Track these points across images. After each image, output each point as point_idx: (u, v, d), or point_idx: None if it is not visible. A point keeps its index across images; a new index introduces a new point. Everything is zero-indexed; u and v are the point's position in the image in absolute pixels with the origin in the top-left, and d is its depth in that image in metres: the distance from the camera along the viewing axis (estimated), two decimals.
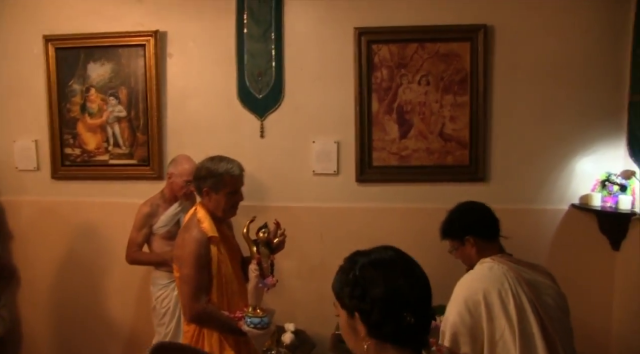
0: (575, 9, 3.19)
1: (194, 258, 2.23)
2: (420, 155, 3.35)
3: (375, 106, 3.35)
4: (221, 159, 2.38)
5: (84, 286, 3.70)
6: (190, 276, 2.23)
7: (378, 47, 3.32)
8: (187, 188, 3.05)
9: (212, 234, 2.29)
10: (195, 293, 2.23)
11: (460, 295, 2.00)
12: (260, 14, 3.41)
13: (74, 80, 3.57)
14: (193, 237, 2.26)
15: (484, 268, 2.08)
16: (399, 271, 1.22)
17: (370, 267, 1.24)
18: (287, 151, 3.46)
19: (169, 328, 3.09)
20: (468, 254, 2.20)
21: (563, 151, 3.26)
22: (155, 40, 3.45)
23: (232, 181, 2.35)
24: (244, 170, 2.42)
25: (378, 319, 1.20)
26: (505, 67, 3.26)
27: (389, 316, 1.19)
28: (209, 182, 2.33)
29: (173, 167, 3.11)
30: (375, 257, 1.27)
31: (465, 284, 2.04)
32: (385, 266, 1.23)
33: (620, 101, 3.17)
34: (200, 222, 2.31)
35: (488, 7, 3.24)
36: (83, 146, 3.62)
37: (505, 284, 1.98)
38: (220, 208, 2.35)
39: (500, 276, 2.01)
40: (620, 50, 3.16)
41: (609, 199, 3.11)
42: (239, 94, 3.47)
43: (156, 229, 3.10)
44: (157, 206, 3.11)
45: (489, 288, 1.97)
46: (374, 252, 1.28)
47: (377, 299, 1.19)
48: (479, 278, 2.04)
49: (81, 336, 3.74)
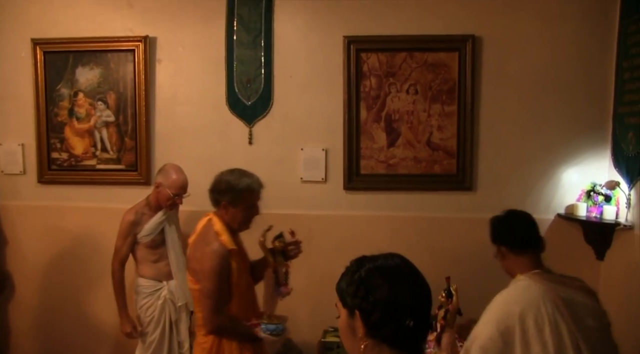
0: (561, 21, 3.23)
1: (216, 272, 2.23)
2: (408, 164, 3.36)
3: (364, 114, 3.37)
4: (242, 173, 2.38)
5: (70, 291, 3.67)
6: (212, 290, 2.23)
7: (367, 56, 3.34)
8: (174, 200, 2.99)
9: (231, 247, 2.29)
10: (217, 306, 2.25)
11: (494, 317, 1.89)
12: (250, 21, 3.42)
13: (62, 84, 3.56)
14: (214, 251, 2.25)
15: (520, 288, 1.95)
16: (403, 278, 1.25)
17: (376, 271, 1.26)
18: (275, 158, 3.47)
19: (153, 337, 3.05)
20: (505, 264, 2.10)
21: (549, 161, 3.29)
22: (144, 45, 3.45)
23: (251, 197, 2.37)
24: (263, 186, 2.42)
25: (378, 320, 1.21)
26: (493, 78, 3.30)
27: (389, 317, 1.21)
28: (228, 196, 2.32)
29: (162, 177, 3.00)
30: (382, 263, 1.29)
31: (500, 306, 1.92)
32: (391, 271, 1.26)
33: (605, 113, 3.22)
34: (219, 235, 2.30)
35: (476, 18, 3.28)
36: (70, 150, 3.60)
37: (542, 308, 1.85)
38: (236, 221, 2.36)
39: (537, 299, 1.87)
40: (605, 62, 3.20)
41: (594, 209, 3.14)
42: (228, 100, 3.47)
43: (141, 238, 3.04)
44: (141, 214, 3.05)
45: (524, 312, 1.85)
46: (380, 258, 1.31)
47: (379, 300, 1.21)
48: (515, 301, 1.91)
49: (69, 342, 3.70)
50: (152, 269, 3.07)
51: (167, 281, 3.09)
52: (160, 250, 3.08)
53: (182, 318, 3.12)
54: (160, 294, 3.06)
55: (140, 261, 3.09)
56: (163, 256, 3.09)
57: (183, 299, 3.10)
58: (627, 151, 2.99)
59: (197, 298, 2.32)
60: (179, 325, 3.11)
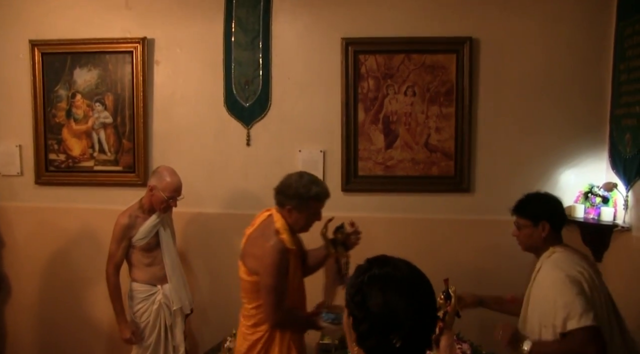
0: (558, 23, 3.24)
1: (276, 268, 2.27)
2: (406, 165, 3.36)
3: (362, 116, 3.37)
4: (311, 181, 2.37)
5: (67, 293, 3.66)
6: (273, 285, 2.27)
7: (365, 58, 3.34)
8: (168, 203, 2.94)
9: (291, 247, 2.33)
10: (278, 301, 2.29)
11: (565, 282, 2.11)
12: (248, 22, 3.42)
13: (59, 85, 3.56)
14: (274, 248, 2.28)
15: (567, 256, 2.24)
16: (404, 292, 1.18)
17: (378, 279, 1.21)
18: (273, 160, 3.46)
19: (149, 342, 3.02)
20: (536, 237, 2.30)
21: (547, 163, 3.29)
22: (142, 47, 3.45)
23: (317, 206, 2.39)
24: (329, 194, 2.42)
25: (365, 331, 1.18)
26: (491, 80, 3.30)
27: (376, 331, 1.17)
28: (294, 202, 2.34)
29: (156, 180, 2.94)
30: (387, 271, 1.23)
31: (562, 273, 2.15)
32: (393, 283, 1.20)
33: (602, 114, 3.23)
34: (280, 232, 2.32)
35: (474, 20, 3.28)
36: (68, 151, 3.59)
37: (587, 270, 2.20)
38: (298, 225, 2.39)
39: (581, 261, 2.23)
40: (601, 65, 3.22)
41: (591, 210, 3.14)
42: (226, 102, 3.47)
43: (135, 241, 2.98)
44: (135, 217, 2.99)
45: (581, 269, 2.18)
46: (390, 266, 1.25)
47: (371, 311, 1.17)
48: (570, 265, 2.19)
49: (66, 343, 3.69)
50: (146, 273, 3.03)
51: (161, 285, 3.04)
52: (154, 253, 3.04)
53: (177, 322, 3.08)
54: (155, 299, 3.03)
55: (134, 265, 3.04)
56: (157, 260, 3.05)
57: (178, 303, 3.07)
58: (624, 152, 3.00)
59: (248, 289, 2.38)
60: (174, 330, 3.07)
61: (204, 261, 3.54)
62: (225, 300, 3.54)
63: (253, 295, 2.36)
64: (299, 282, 2.47)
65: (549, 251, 2.27)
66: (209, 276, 3.57)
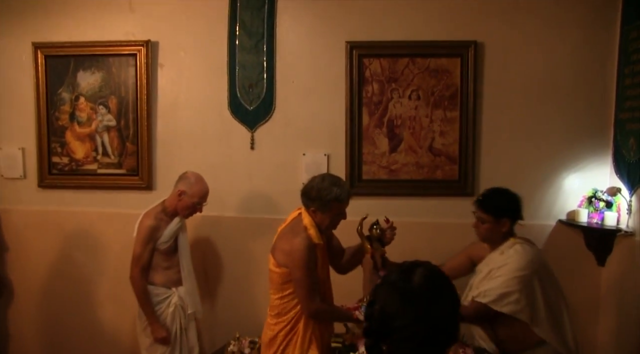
0: (563, 27, 3.24)
1: (305, 262, 2.38)
2: (410, 169, 3.37)
3: (366, 120, 3.37)
4: (333, 182, 2.47)
5: (71, 296, 3.66)
6: (303, 279, 2.40)
7: (369, 61, 3.34)
8: (194, 209, 2.99)
9: (318, 242, 2.46)
10: (310, 294, 2.41)
11: (522, 271, 2.40)
12: (252, 25, 3.42)
13: (63, 88, 3.55)
14: (302, 243, 2.40)
15: (527, 247, 2.49)
16: (406, 303, 1.24)
17: (388, 284, 1.29)
18: (277, 163, 3.46)
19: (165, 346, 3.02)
20: (495, 231, 2.52)
21: (551, 167, 3.30)
22: (146, 50, 3.44)
23: (339, 206, 2.47)
24: (350, 195, 2.54)
25: (365, 329, 1.27)
26: (495, 84, 3.30)
27: (372, 332, 1.25)
28: (317, 204, 2.45)
29: (186, 186, 2.96)
30: (401, 278, 1.29)
31: (526, 264, 2.42)
32: (398, 290, 1.26)
33: (606, 118, 3.23)
34: (307, 228, 2.45)
35: (478, 24, 3.28)
36: (71, 154, 3.59)
37: (542, 261, 2.50)
38: (324, 225, 2.49)
39: (537, 255, 2.50)
40: (606, 69, 3.22)
41: (595, 215, 3.15)
42: (230, 105, 3.47)
43: (159, 244, 2.98)
44: (160, 219, 2.98)
45: (537, 266, 2.45)
46: (408, 273, 1.30)
47: (373, 313, 1.26)
48: (530, 261, 2.43)
49: (69, 347, 3.69)
50: (163, 276, 3.03)
51: (176, 288, 3.06)
52: (173, 257, 3.06)
53: (191, 325, 3.11)
54: (171, 302, 3.03)
55: (153, 267, 3.01)
56: (174, 263, 3.07)
57: (192, 307, 3.09)
58: (629, 157, 3.00)
59: (275, 280, 2.49)
60: (188, 332, 3.09)
61: (207, 265, 3.54)
62: (229, 304, 3.55)
63: (279, 286, 2.49)
64: (325, 276, 2.59)
65: (510, 241, 2.51)
66: (210, 280, 3.57)
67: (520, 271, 2.40)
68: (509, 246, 2.51)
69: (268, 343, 2.55)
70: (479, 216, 2.55)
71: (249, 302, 3.51)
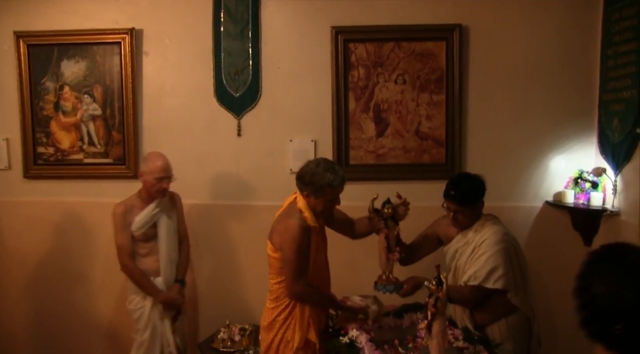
0: (547, 10, 3.25)
1: (296, 243, 2.40)
2: (397, 153, 3.37)
3: (352, 105, 3.37)
4: (327, 168, 2.46)
5: (59, 287, 3.63)
6: (291, 259, 2.42)
7: (355, 46, 3.34)
8: (159, 185, 2.95)
9: (313, 224, 2.47)
10: (295, 274, 2.43)
11: (502, 244, 2.51)
12: (237, 12, 3.40)
13: (47, 77, 3.51)
14: (295, 224, 2.42)
15: (502, 225, 2.62)
16: (631, 283, 1.13)
17: (608, 266, 1.17)
18: (264, 150, 3.46)
19: (144, 337, 3.01)
20: (474, 216, 2.61)
21: (537, 149, 3.31)
22: (131, 38, 3.42)
23: (332, 192, 2.47)
24: (345, 182, 2.51)
25: (587, 317, 1.17)
26: (480, 67, 3.31)
27: (599, 319, 1.15)
28: (310, 188, 2.45)
29: (144, 165, 2.99)
30: (619, 258, 1.18)
31: (502, 237, 2.54)
32: (622, 272, 1.15)
33: (590, 100, 3.25)
34: (302, 211, 2.46)
35: (463, 7, 3.29)
36: (56, 144, 3.56)
37: (510, 234, 2.62)
38: (317, 209, 2.49)
39: (506, 228, 2.62)
40: (590, 50, 3.23)
41: (581, 196, 3.17)
42: (216, 92, 3.45)
43: (133, 231, 2.98)
44: (131, 205, 2.99)
45: (510, 237, 2.58)
46: (622, 253, 1.19)
47: (595, 299, 1.15)
48: (504, 234, 2.55)
49: (58, 338, 3.66)
50: (141, 264, 3.01)
51: (154, 278, 3.03)
52: (150, 244, 3.03)
53: (166, 315, 3.05)
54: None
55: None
56: (153, 251, 3.04)
57: None
58: (613, 137, 3.02)
59: (274, 265, 2.52)
60: (164, 322, 3.04)
61: (196, 252, 3.53)
62: (218, 291, 3.55)
63: (277, 271, 2.51)
64: (323, 260, 2.60)
65: (482, 219, 2.62)
66: (200, 267, 3.56)
67: (499, 243, 2.51)
68: (481, 223, 2.61)
69: (267, 326, 2.56)
70: (456, 209, 2.58)
71: (238, 289, 3.50)
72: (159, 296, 3.00)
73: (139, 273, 2.98)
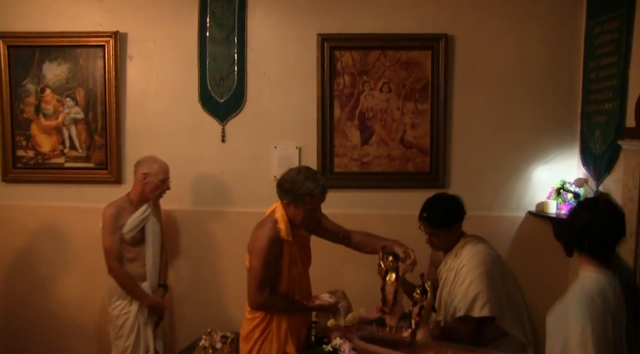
0: (531, 22, 3.29)
1: (263, 253, 2.34)
2: (381, 161, 3.37)
3: (337, 112, 3.37)
4: (308, 176, 2.37)
5: (37, 293, 3.56)
6: (257, 269, 2.36)
7: (341, 54, 3.34)
8: (163, 187, 3.01)
9: (286, 238, 2.38)
10: (259, 285, 2.37)
11: (482, 267, 2.38)
12: (223, 17, 3.39)
13: (27, 79, 3.46)
14: (266, 234, 2.36)
15: (484, 245, 2.49)
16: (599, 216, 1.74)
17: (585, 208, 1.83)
18: (248, 156, 3.44)
19: (128, 343, 2.97)
20: (451, 238, 2.50)
21: (520, 159, 3.34)
22: (115, 41, 3.38)
23: (313, 202, 2.38)
24: (326, 191, 2.41)
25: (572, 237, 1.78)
26: (465, 76, 3.33)
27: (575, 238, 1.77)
28: (289, 196, 2.37)
29: (146, 167, 2.98)
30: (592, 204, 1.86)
31: (482, 259, 2.42)
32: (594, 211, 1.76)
33: (573, 111, 3.29)
34: (277, 222, 2.38)
35: (449, 17, 3.31)
36: (37, 148, 3.50)
37: (494, 255, 2.48)
38: (297, 220, 2.41)
39: (489, 249, 2.48)
40: (572, 63, 3.28)
41: (563, 206, 3.19)
42: (201, 98, 3.43)
43: (123, 233, 2.96)
44: (122, 208, 2.98)
45: (493, 258, 2.45)
46: (596, 202, 1.87)
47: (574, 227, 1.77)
48: (484, 256, 2.42)
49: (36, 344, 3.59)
50: (128, 268, 2.98)
51: (140, 283, 3.01)
52: (137, 248, 3.01)
53: (149, 321, 3.04)
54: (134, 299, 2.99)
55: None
56: (140, 255, 3.02)
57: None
58: (595, 149, 3.06)
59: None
60: (147, 327, 3.03)
61: (178, 259, 3.49)
62: (200, 299, 3.51)
63: None
64: (299, 275, 2.50)
65: (461, 242, 2.50)
66: (183, 274, 3.52)
67: (480, 267, 2.38)
68: (460, 246, 2.49)
69: (245, 337, 2.50)
70: (431, 232, 2.50)
71: (220, 296, 3.47)
72: (146, 300, 2.98)
73: (126, 276, 2.96)
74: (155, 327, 3.08)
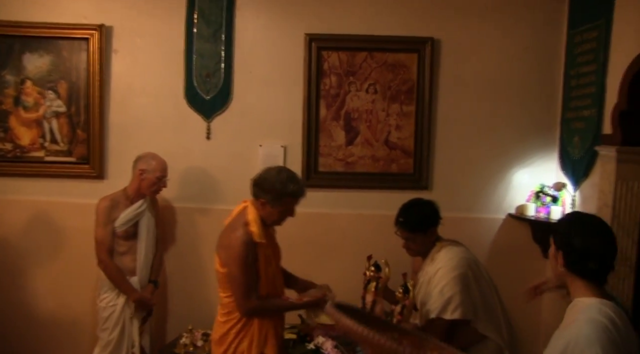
0: (515, 29, 3.37)
1: (241, 259, 2.29)
2: (366, 162, 3.40)
3: (323, 112, 3.39)
4: (289, 177, 2.37)
5: (16, 289, 3.48)
6: (239, 276, 2.30)
7: (328, 54, 3.36)
8: (159, 184, 3.01)
9: (259, 241, 2.33)
10: (246, 292, 2.32)
11: (457, 271, 2.40)
12: (211, 14, 3.37)
13: (7, 70, 3.38)
14: (239, 239, 2.30)
15: (460, 249, 2.52)
16: (597, 235, 1.68)
17: (577, 224, 1.72)
18: (233, 154, 3.43)
19: (112, 336, 2.96)
20: (427, 243, 2.53)
21: (501, 162, 3.41)
22: (100, 34, 3.33)
23: (292, 202, 2.39)
24: (305, 193, 2.43)
25: (572, 260, 1.67)
26: (450, 80, 3.39)
27: (578, 259, 1.66)
28: (269, 196, 2.34)
29: (145, 164, 2.99)
30: (582, 218, 1.78)
31: (458, 262, 2.44)
32: (589, 228, 1.69)
33: (553, 117, 3.38)
34: (249, 224, 2.33)
35: (436, 22, 3.36)
36: (15, 140, 3.43)
37: (470, 258, 2.50)
38: (270, 219, 2.40)
39: (465, 253, 2.50)
40: (554, 70, 3.37)
41: (542, 209, 3.27)
42: (186, 94, 3.41)
43: (116, 227, 2.96)
44: (117, 202, 2.98)
45: (469, 262, 2.46)
46: (585, 216, 1.81)
47: (574, 247, 1.66)
48: (460, 260, 2.45)
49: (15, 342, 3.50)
50: (118, 261, 2.98)
51: (130, 277, 3.00)
52: (130, 242, 3.00)
53: (136, 316, 3.03)
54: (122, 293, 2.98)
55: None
56: (132, 250, 3.02)
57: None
58: (573, 154, 3.14)
59: (222, 280, 2.38)
60: (133, 322, 3.02)
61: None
62: (181, 295, 3.49)
63: (227, 285, 2.38)
64: (273, 273, 2.45)
65: (437, 246, 2.53)
66: (163, 270, 3.49)
67: (454, 270, 2.40)
68: (436, 251, 2.51)
69: (218, 340, 2.45)
70: (407, 236, 2.52)
71: (202, 294, 3.44)
72: (133, 295, 2.98)
73: (115, 269, 2.95)
74: (143, 323, 3.06)
